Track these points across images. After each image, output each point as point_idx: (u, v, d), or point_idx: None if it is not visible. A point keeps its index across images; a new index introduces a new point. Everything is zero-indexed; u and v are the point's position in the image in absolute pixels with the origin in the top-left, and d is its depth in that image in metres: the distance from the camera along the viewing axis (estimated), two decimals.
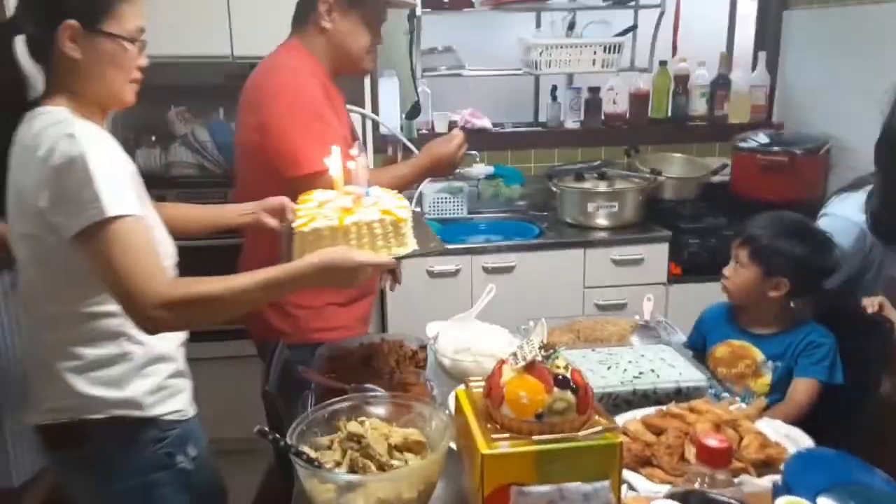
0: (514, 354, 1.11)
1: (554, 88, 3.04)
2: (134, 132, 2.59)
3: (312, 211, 1.30)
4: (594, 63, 2.77)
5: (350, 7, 1.67)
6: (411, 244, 1.30)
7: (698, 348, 1.73)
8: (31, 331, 1.26)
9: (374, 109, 2.69)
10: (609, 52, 2.75)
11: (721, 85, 3.03)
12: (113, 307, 1.18)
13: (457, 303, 2.03)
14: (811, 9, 2.89)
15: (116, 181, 1.12)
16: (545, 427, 1.06)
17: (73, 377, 1.20)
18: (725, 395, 1.44)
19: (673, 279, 2.64)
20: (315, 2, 1.65)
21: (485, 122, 2.98)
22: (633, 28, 2.83)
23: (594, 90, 3.03)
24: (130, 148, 2.56)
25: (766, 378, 1.60)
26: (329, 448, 1.15)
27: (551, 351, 1.11)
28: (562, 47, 2.74)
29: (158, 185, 2.54)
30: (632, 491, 1.14)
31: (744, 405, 1.37)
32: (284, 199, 1.46)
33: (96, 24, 1.16)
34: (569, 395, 1.07)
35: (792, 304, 1.67)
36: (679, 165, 2.97)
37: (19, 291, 1.27)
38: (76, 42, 1.15)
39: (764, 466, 1.18)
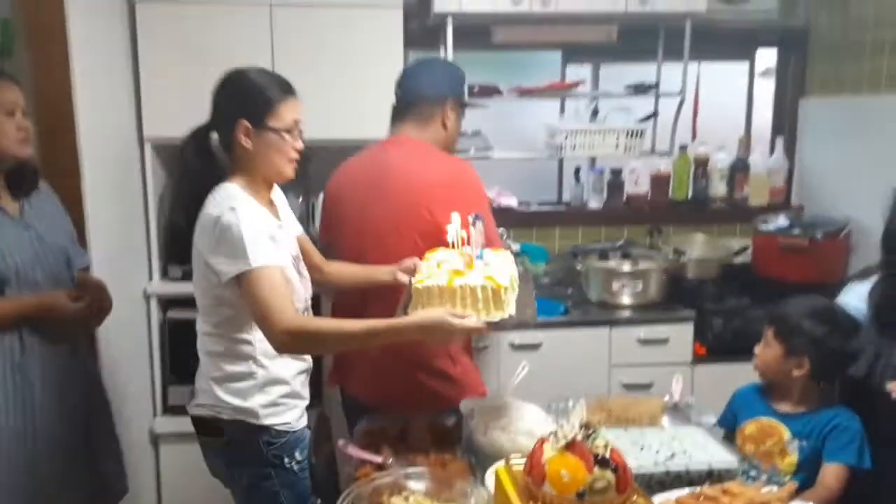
0: (555, 433, 1.16)
1: (577, 170, 3.16)
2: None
3: (431, 270, 1.53)
4: (617, 147, 2.88)
5: (462, 108, 2.02)
6: (508, 310, 1.45)
7: (729, 427, 1.75)
8: (199, 345, 1.67)
9: None
10: (631, 136, 2.87)
11: (740, 168, 3.13)
12: (248, 336, 1.58)
13: (486, 378, 2.06)
14: (826, 97, 3.01)
15: (260, 241, 1.50)
16: None
17: (215, 384, 1.61)
18: (753, 473, 1.46)
19: (698, 359, 2.67)
20: (444, 105, 1.94)
21: (511, 201, 3.09)
22: (655, 114, 2.96)
23: (616, 172, 3.15)
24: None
25: (793, 457, 1.61)
26: None
27: (591, 430, 1.15)
28: (586, 132, 2.86)
29: None
30: None
31: (775, 488, 1.39)
32: (417, 260, 1.70)
33: (262, 122, 1.56)
34: (609, 474, 1.11)
35: (820, 385, 1.71)
36: (701, 246, 3.04)
37: None
38: (248, 136, 1.56)
39: None
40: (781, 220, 2.84)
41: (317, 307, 2.25)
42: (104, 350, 2.18)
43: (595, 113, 3.02)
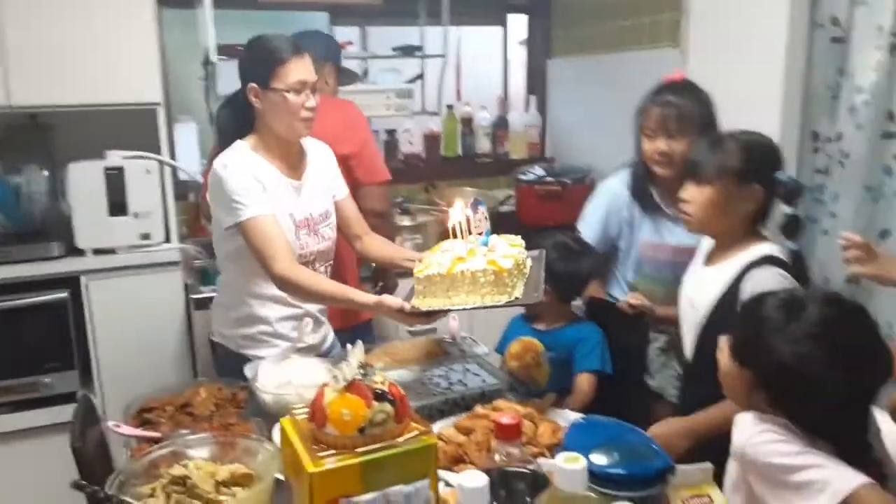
0: (335, 376, 1.20)
1: None
2: None
3: (435, 258, 1.55)
4: (388, 108, 2.96)
5: (339, 72, 2.49)
6: (516, 292, 1.46)
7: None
8: None
9: (172, 156, 2.65)
10: (401, 97, 2.97)
11: (500, 125, 3.39)
12: (237, 276, 1.81)
13: None
14: (568, 58, 3.35)
15: (249, 194, 1.68)
16: (368, 439, 1.15)
17: (215, 310, 1.94)
18: (515, 385, 1.63)
19: None
20: (324, 67, 2.33)
21: None
22: (421, 76, 3.08)
23: (391, 132, 3.24)
24: None
25: (546, 367, 1.83)
26: (152, 496, 1.14)
27: (368, 368, 1.20)
28: (357, 93, 2.89)
29: None
30: (448, 487, 1.26)
31: (538, 400, 1.57)
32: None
33: (267, 84, 1.69)
34: (387, 406, 1.17)
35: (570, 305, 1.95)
36: (472, 198, 3.24)
37: None
38: (257, 97, 1.72)
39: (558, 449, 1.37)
40: (537, 171, 3.13)
41: None
42: None
43: (365, 74, 3.07)
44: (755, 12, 2.29)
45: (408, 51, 3.05)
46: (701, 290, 1.63)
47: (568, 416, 1.52)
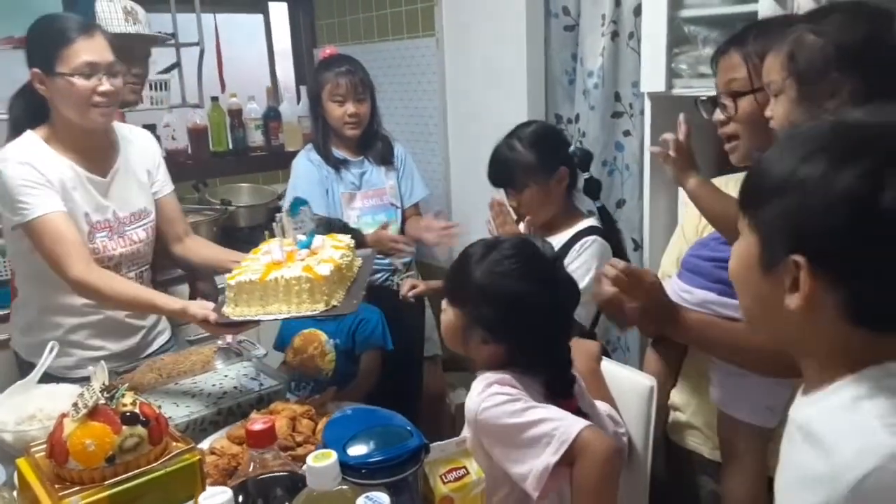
0: (75, 404, 1.08)
1: None
2: None
3: (249, 263, 1.46)
4: (143, 100, 2.72)
5: None
6: (332, 301, 1.37)
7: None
8: None
9: None
10: (156, 89, 2.75)
11: (272, 117, 3.27)
12: (29, 280, 1.73)
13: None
14: (336, 46, 3.32)
15: (30, 192, 1.53)
16: (119, 469, 1.06)
17: (12, 313, 1.86)
18: (304, 384, 1.61)
19: None
20: None
21: None
22: (177, 65, 2.88)
23: (150, 127, 2.98)
24: None
25: (331, 354, 1.84)
26: None
27: (114, 390, 1.11)
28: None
29: None
30: None
31: (317, 396, 1.56)
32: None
33: (51, 68, 1.52)
34: (139, 429, 1.08)
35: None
36: (248, 194, 3.13)
37: None
38: (43, 84, 1.56)
39: None
40: None
41: None
42: None
43: None
44: (498, 2, 2.43)
45: (160, 39, 2.83)
46: None
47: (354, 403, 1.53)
